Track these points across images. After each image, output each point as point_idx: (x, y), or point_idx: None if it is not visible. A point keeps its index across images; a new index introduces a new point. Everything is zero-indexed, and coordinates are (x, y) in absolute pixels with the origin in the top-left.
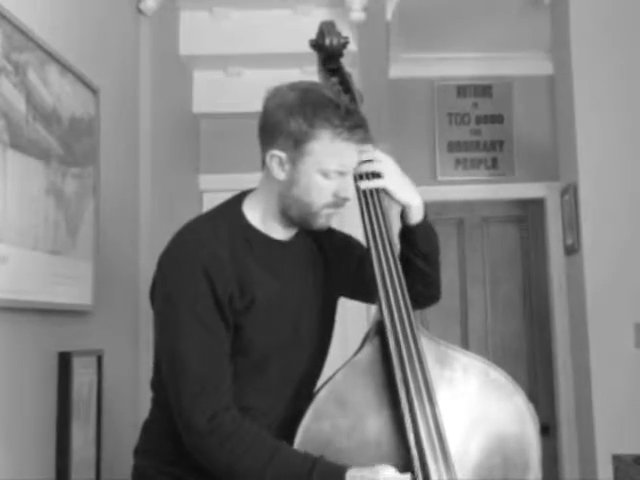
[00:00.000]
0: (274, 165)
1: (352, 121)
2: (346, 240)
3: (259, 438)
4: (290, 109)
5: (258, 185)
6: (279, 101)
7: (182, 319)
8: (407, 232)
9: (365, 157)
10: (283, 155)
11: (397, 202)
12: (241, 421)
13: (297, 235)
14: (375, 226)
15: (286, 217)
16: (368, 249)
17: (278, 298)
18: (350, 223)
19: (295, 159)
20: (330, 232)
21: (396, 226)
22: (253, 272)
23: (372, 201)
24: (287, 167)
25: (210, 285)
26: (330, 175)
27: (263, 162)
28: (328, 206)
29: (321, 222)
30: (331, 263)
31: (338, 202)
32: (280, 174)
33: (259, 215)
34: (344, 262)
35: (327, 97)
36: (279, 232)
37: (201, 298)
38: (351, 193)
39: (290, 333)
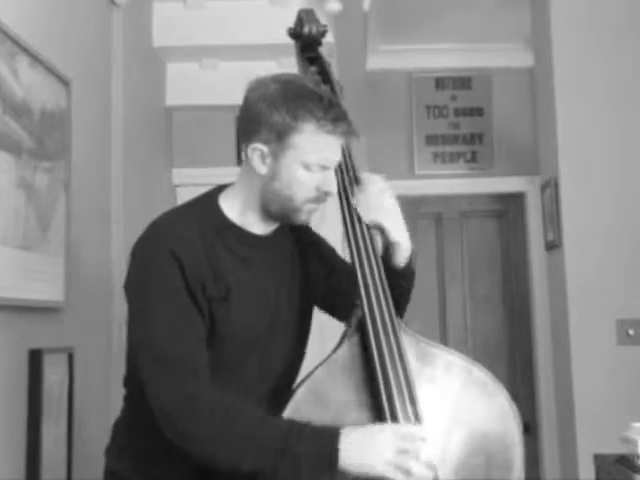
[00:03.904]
0: (255, 159)
1: (335, 113)
2: (322, 244)
3: (244, 408)
4: (273, 101)
5: (236, 179)
6: (261, 93)
7: (155, 303)
8: (391, 271)
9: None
10: (265, 148)
11: (390, 240)
12: (221, 396)
13: (276, 231)
14: (356, 222)
15: (266, 212)
16: (348, 245)
17: (253, 291)
18: (330, 219)
19: (277, 152)
20: (308, 231)
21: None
22: (227, 263)
23: (352, 201)
24: (269, 161)
25: (180, 269)
26: (312, 169)
27: (239, 155)
28: (310, 201)
29: (302, 218)
30: (308, 262)
31: (320, 197)
32: (261, 168)
33: (238, 209)
34: (318, 264)
35: (310, 89)
36: (258, 227)
37: (172, 282)
38: (334, 188)
39: (266, 328)
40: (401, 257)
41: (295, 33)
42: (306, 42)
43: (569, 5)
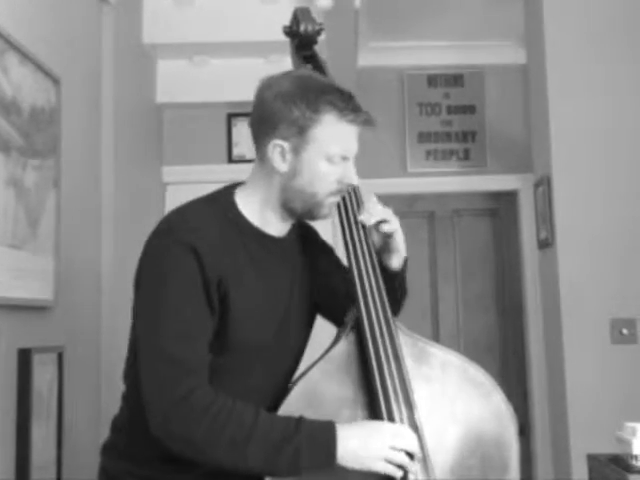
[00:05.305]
0: (276, 156)
1: (354, 103)
2: (329, 249)
3: (238, 405)
4: (290, 96)
5: (250, 178)
6: (276, 91)
7: (167, 300)
8: (386, 274)
9: (381, 215)
10: (285, 144)
11: (390, 248)
12: (215, 394)
13: (290, 232)
14: (352, 222)
15: (287, 210)
16: (344, 244)
17: (264, 295)
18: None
19: (298, 147)
20: (315, 234)
21: None
22: (242, 264)
23: (351, 205)
24: (289, 157)
25: (199, 267)
26: (334, 160)
27: (260, 155)
28: (332, 194)
29: (324, 212)
30: (315, 267)
31: (342, 189)
32: (282, 165)
33: (256, 209)
34: (323, 270)
35: (325, 82)
36: (275, 227)
37: (189, 279)
38: (355, 180)
39: (274, 334)
40: (397, 262)
41: (291, 31)
42: (302, 41)
43: (562, 2)
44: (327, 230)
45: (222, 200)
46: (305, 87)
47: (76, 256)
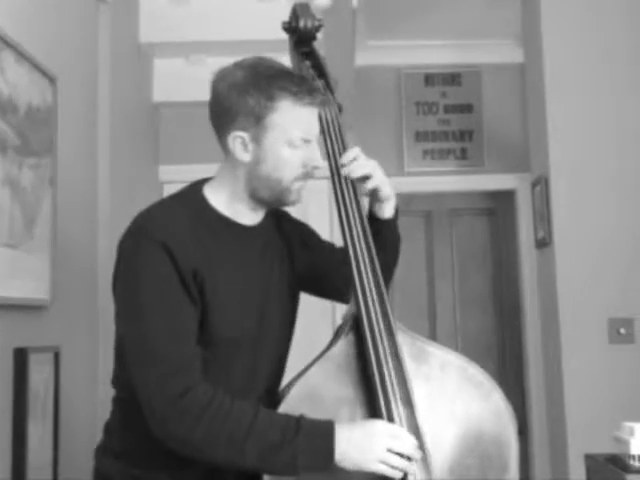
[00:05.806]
0: (237, 147)
1: (308, 85)
2: (305, 228)
3: (237, 403)
4: (243, 87)
5: (218, 171)
6: (229, 82)
7: (145, 299)
8: (377, 224)
9: (358, 163)
10: (245, 135)
11: (380, 198)
12: (214, 391)
13: (263, 220)
14: (352, 218)
15: (256, 199)
16: (345, 242)
17: (242, 285)
18: (313, 217)
19: (258, 136)
20: (291, 219)
21: None
22: (215, 255)
23: (348, 194)
24: (251, 146)
25: (172, 262)
26: (296, 144)
27: (223, 147)
28: (298, 179)
29: (293, 198)
30: (294, 250)
31: (308, 172)
32: (244, 155)
33: (224, 200)
34: (305, 250)
35: (276, 67)
36: (246, 217)
37: (164, 277)
38: (320, 161)
39: (256, 323)
40: (389, 210)
41: (290, 27)
42: (301, 37)
43: (559, 1)
44: (325, 226)
45: (191, 195)
46: (257, 75)
47: (72, 255)
